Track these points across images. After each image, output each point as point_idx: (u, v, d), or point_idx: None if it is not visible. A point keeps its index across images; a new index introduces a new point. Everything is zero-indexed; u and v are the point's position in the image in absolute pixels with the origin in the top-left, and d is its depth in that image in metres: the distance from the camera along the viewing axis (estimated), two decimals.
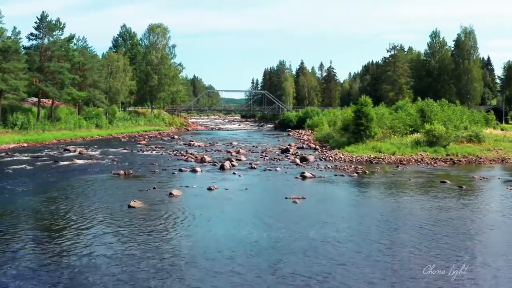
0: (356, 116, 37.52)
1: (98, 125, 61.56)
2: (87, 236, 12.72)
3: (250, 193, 19.08)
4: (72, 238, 12.47)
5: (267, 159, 31.91)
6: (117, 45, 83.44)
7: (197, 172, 25.33)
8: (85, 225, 13.85)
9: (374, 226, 13.93)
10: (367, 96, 39.95)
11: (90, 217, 14.74)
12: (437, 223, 14.44)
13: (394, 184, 22.04)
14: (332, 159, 31.90)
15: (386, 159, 31.95)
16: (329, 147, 39.22)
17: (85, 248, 11.55)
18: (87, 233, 13.02)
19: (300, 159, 31.03)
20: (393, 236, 12.95)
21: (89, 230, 13.33)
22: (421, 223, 14.35)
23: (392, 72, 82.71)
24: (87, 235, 12.77)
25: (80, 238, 12.54)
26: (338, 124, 42.50)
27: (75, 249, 11.47)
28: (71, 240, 12.32)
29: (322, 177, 23.51)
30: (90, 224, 13.94)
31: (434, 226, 13.98)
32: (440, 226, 14.00)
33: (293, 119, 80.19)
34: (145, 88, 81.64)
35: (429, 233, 13.27)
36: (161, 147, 41.24)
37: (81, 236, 12.74)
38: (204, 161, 30.06)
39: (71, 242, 12.09)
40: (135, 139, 52.25)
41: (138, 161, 30.70)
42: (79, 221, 14.31)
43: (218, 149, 39.33)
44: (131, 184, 21.20)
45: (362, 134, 36.70)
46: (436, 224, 14.29)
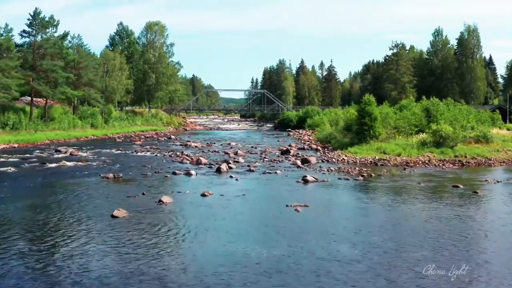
0: (359, 116, 35.96)
1: (93, 125, 59.97)
2: (56, 253, 11.08)
3: (247, 200, 17.44)
4: (35, 256, 10.82)
5: (267, 161, 30.34)
6: (113, 44, 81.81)
7: (191, 175, 23.74)
8: (57, 240, 12.22)
9: (390, 241, 12.26)
10: (365, 95, 38.35)
11: (65, 230, 13.11)
12: (461, 237, 12.73)
13: (403, 189, 20.44)
14: (335, 161, 30.33)
15: (392, 160, 30.38)
16: (331, 148, 37.65)
17: (52, 267, 9.96)
18: (56, 250, 11.37)
19: (301, 160, 29.45)
20: (413, 254, 11.18)
21: (60, 246, 11.68)
22: (443, 237, 12.66)
23: (394, 71, 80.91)
24: (56, 252, 11.13)
25: (47, 256, 10.90)
26: (341, 124, 40.88)
27: (36, 270, 9.87)
28: (32, 259, 10.67)
29: (325, 181, 21.92)
30: (63, 239, 12.27)
31: (458, 242, 12.23)
32: (464, 241, 12.33)
33: (293, 118, 78.57)
34: (143, 87, 80.00)
35: (455, 250, 11.54)
36: (156, 148, 39.67)
37: (49, 253, 11.10)
38: (200, 163, 28.48)
39: (33, 261, 10.46)
40: (130, 140, 50.67)
41: (130, 163, 29.13)
42: (51, 235, 12.67)
43: (216, 150, 37.74)
44: (119, 189, 19.61)
45: (365, 134, 35.14)
46: (460, 239, 12.57)
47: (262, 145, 43.03)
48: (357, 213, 15.61)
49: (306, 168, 27.07)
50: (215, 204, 16.47)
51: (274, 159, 31.29)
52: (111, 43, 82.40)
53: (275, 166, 27.86)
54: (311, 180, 21.71)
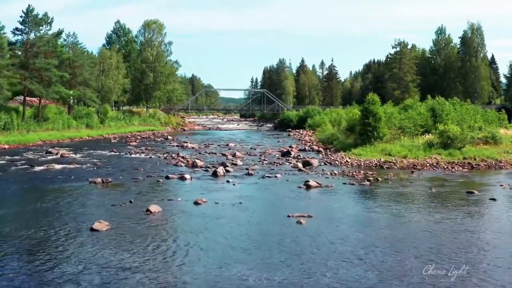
0: (363, 116, 34.41)
1: (89, 125, 58.39)
2: (22, 275, 9.56)
3: (245, 210, 15.79)
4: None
5: (266, 164, 28.80)
6: (110, 42, 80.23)
7: (185, 179, 22.18)
8: (16, 261, 10.54)
9: (409, 261, 10.60)
10: (369, 95, 36.78)
11: (32, 248, 11.44)
12: (496, 258, 11.02)
13: (415, 196, 18.87)
14: (338, 163, 28.79)
15: (398, 163, 28.86)
16: (334, 150, 36.10)
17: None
18: (23, 270, 9.84)
19: (302, 163, 27.91)
20: (442, 281, 9.50)
21: (19, 270, 10.05)
22: (475, 257, 11.02)
23: (397, 70, 79.11)
24: (22, 274, 9.61)
25: (13, 278, 9.40)
26: (343, 124, 39.30)
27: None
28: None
29: (329, 187, 20.36)
30: (26, 260, 10.62)
31: (493, 265, 10.60)
32: (500, 263, 10.68)
33: (294, 118, 77.01)
34: (140, 86, 78.44)
35: (492, 275, 9.86)
36: (151, 149, 38.13)
37: (15, 275, 9.59)
38: (196, 166, 26.94)
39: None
40: (126, 140, 49.12)
41: (122, 166, 27.59)
42: (12, 253, 11.03)
43: (213, 151, 36.18)
44: (105, 196, 18.06)
45: (369, 135, 33.59)
46: (495, 260, 10.86)
47: (261, 146, 41.50)
48: (368, 227, 13.85)
49: (308, 171, 25.54)
50: (208, 214, 14.86)
51: (274, 161, 29.77)
52: (108, 41, 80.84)
53: (275, 169, 26.33)
54: (313, 186, 20.15)
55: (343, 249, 11.47)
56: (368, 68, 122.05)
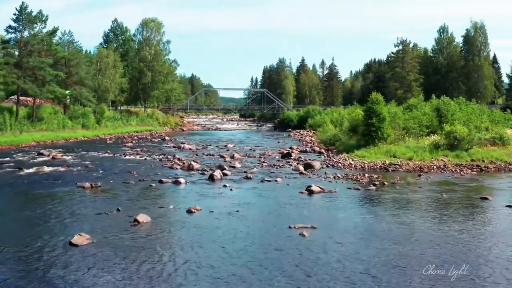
0: (366, 116, 33.10)
1: (85, 125, 57.03)
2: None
3: (242, 219, 14.42)
4: None
5: (266, 166, 27.49)
6: (108, 41, 78.87)
7: (180, 184, 20.86)
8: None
9: (432, 284, 9.32)
10: (370, 95, 35.40)
11: (5, 265, 10.20)
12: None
13: (425, 202, 17.54)
14: (341, 166, 27.49)
15: (404, 165, 27.57)
16: (336, 151, 34.80)
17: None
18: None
19: (304, 166, 26.60)
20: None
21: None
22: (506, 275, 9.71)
23: (400, 69, 77.49)
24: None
25: None
26: (345, 124, 37.99)
27: None
28: None
29: (333, 192, 19.05)
30: None
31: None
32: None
33: (294, 118, 75.71)
34: (138, 86, 77.01)
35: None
36: (147, 151, 36.82)
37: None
38: (192, 169, 25.63)
39: None
40: (122, 141, 47.81)
41: (115, 169, 26.29)
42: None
43: (211, 153, 34.85)
44: (91, 203, 16.74)
45: (373, 136, 32.29)
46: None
47: (261, 147, 40.19)
48: (379, 240, 12.41)
49: (309, 174, 24.24)
50: (201, 225, 13.50)
51: (274, 163, 28.46)
52: (105, 40, 79.48)
53: (275, 172, 25.02)
54: (316, 191, 18.84)
55: (353, 267, 10.10)
56: (369, 67, 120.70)
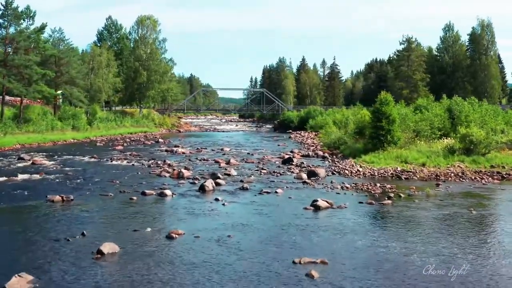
0: (374, 118, 30.37)
1: (75, 127, 54.19)
2: None
3: (233, 249, 11.55)
4: None
5: (265, 173, 24.74)
6: (102, 39, 76.08)
7: (165, 197, 18.12)
8: None
9: None
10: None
11: None
12: None
13: (456, 223, 14.61)
14: (348, 173, 24.77)
15: (418, 173, 24.87)
16: (341, 156, 32.05)
17: None
18: None
19: (307, 173, 23.87)
20: None
21: None
22: None
23: (406, 68, 74.31)
24: None
25: None
26: (351, 126, 35.27)
27: None
28: None
29: (342, 207, 16.31)
30: None
31: None
32: None
33: (294, 119, 72.97)
34: (133, 85, 74.17)
35: None
36: (136, 155, 34.06)
37: None
38: (182, 177, 22.90)
39: None
40: (113, 144, 45.06)
41: (96, 176, 23.56)
42: None
43: (205, 157, 32.06)
44: (53, 225, 13.95)
45: (382, 139, 29.58)
46: None
47: (259, 151, 37.46)
48: (411, 280, 9.54)
49: (314, 184, 21.51)
50: (181, 259, 10.60)
51: (274, 170, 25.69)
52: (99, 38, 76.71)
53: (275, 181, 22.29)
54: (323, 207, 16.08)
55: None
56: (370, 67, 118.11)
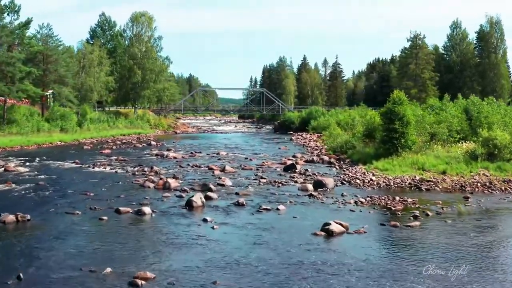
0: (386, 119, 27.20)
1: (64, 128, 51.00)
2: None
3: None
4: None
5: (264, 183, 21.54)
6: (95, 36, 72.78)
7: (143, 215, 14.92)
8: None
9: None
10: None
11: None
12: None
13: (507, 251, 11.62)
14: (360, 183, 21.58)
15: (439, 182, 21.73)
16: (350, 161, 28.83)
17: None
18: None
19: (313, 184, 20.67)
20: None
21: None
22: None
23: (414, 66, 70.57)
24: None
25: None
26: (359, 128, 32.09)
27: None
28: None
29: (360, 232, 13.09)
30: None
31: None
32: None
33: (295, 120, 69.77)
34: (127, 85, 70.93)
35: None
36: (123, 160, 30.83)
37: None
38: (168, 188, 19.71)
39: None
40: (102, 146, 41.86)
41: (70, 187, 20.36)
42: None
43: (198, 163, 28.78)
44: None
45: (395, 143, 26.43)
46: None
47: (259, 155, 34.27)
48: None
49: (321, 197, 18.34)
50: None
51: (275, 179, 22.46)
52: (92, 36, 73.47)
53: (276, 193, 19.09)
54: (337, 231, 12.85)
55: None
56: (373, 67, 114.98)
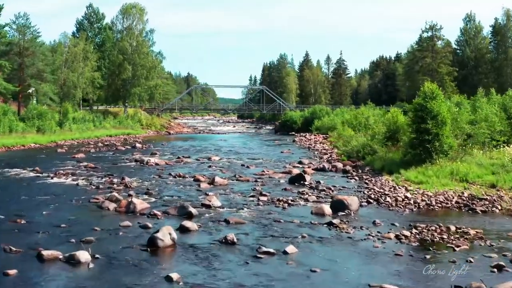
0: (416, 118, 21.84)
1: (41, 128, 45.65)
2: None
3: None
4: None
5: (265, 203, 16.13)
6: (82, 29, 67.10)
7: (76, 266, 9.45)
8: None
9: None
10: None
11: None
12: None
13: None
14: (391, 202, 16.16)
15: (497, 201, 16.37)
16: (370, 170, 23.34)
17: None
18: None
19: (331, 204, 15.24)
20: None
21: None
22: None
23: (430, 59, 64.39)
24: None
25: None
26: (379, 129, 26.65)
27: None
28: None
29: None
30: None
31: None
32: None
33: (298, 120, 64.49)
34: (117, 81, 65.45)
35: None
36: (93, 167, 25.30)
37: None
38: (132, 212, 14.32)
39: None
40: (79, 150, 36.46)
41: (1, 210, 15.02)
42: None
43: (182, 173, 23.17)
44: None
45: (428, 148, 21.09)
46: None
47: (258, 161, 28.89)
48: None
49: (345, 226, 12.96)
50: None
51: (279, 197, 16.97)
52: (78, 28, 67.88)
53: (281, 221, 13.66)
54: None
55: None
56: (377, 65, 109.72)
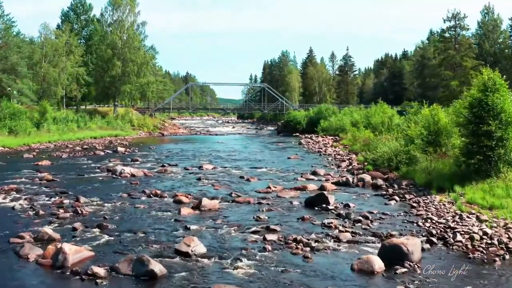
0: (473, 116, 16.35)
1: (14, 130, 40.18)
2: None
3: None
4: None
5: (275, 249, 10.47)
6: (67, 21, 61.56)
7: None
8: None
9: None
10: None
11: None
12: None
13: None
14: (465, 243, 10.65)
15: None
16: (409, 184, 17.76)
17: None
18: None
19: (382, 252, 9.70)
20: None
21: None
22: None
23: (454, 51, 58.08)
24: None
25: None
26: (414, 131, 20.98)
27: None
28: None
29: None
30: None
31: None
32: None
33: (302, 120, 58.94)
34: (105, 78, 60.01)
35: None
36: (50, 180, 19.78)
37: None
38: (62, 267, 8.73)
39: None
40: (50, 155, 30.91)
41: None
42: None
43: (159, 191, 17.25)
44: None
45: (491, 156, 15.65)
46: None
47: (261, 170, 23.32)
48: None
49: None
50: None
51: (295, 235, 11.33)
52: (63, 20, 62.36)
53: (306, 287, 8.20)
54: None
55: None
56: (383, 63, 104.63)
